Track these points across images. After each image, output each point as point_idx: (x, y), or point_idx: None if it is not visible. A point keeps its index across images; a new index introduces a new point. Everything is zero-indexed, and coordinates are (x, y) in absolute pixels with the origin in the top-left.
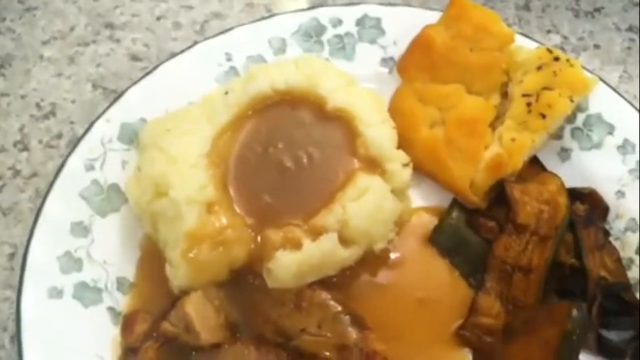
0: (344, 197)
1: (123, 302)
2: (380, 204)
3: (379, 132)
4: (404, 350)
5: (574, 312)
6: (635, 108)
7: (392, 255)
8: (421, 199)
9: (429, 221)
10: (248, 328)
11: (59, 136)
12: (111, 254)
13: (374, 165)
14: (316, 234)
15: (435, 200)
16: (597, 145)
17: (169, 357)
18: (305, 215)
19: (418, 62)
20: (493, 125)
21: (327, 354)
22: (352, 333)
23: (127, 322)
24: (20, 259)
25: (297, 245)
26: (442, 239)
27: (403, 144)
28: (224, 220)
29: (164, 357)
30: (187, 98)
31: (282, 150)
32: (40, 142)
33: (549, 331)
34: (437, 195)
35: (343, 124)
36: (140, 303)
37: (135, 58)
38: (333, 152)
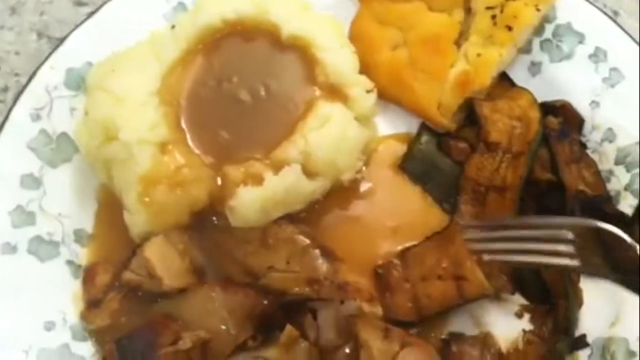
0: (305, 127)
1: (83, 254)
2: (344, 132)
3: (338, 58)
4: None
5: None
6: (605, 14)
7: (362, 186)
8: (388, 126)
9: (398, 148)
10: (215, 271)
11: (5, 89)
12: (66, 206)
13: (335, 92)
14: (278, 167)
15: (402, 127)
16: (568, 56)
17: (134, 306)
18: (266, 149)
19: None
20: (458, 43)
21: (297, 289)
22: (322, 266)
23: (87, 275)
24: None
25: (259, 180)
26: (412, 166)
27: (365, 69)
28: (179, 160)
29: (128, 307)
30: (134, 38)
31: (237, 83)
32: None
33: None
34: (404, 121)
35: (300, 52)
36: (101, 255)
37: (79, 3)
38: (291, 82)
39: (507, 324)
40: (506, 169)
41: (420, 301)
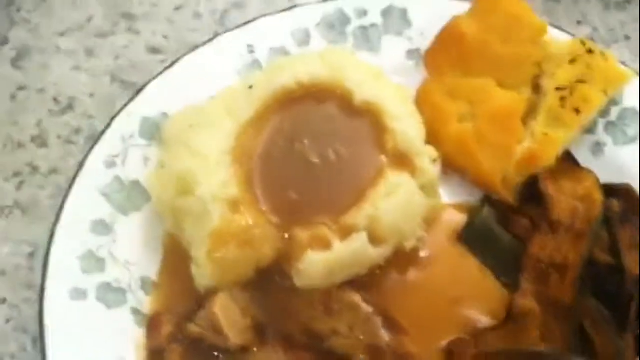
0: (375, 195)
1: (146, 302)
2: (410, 200)
3: (407, 126)
4: (439, 352)
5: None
6: None
7: (422, 254)
8: (450, 195)
9: (459, 218)
10: (275, 330)
11: (78, 131)
12: (134, 253)
13: (402, 160)
14: (346, 233)
15: (464, 197)
16: (632, 140)
17: (195, 359)
18: (334, 214)
19: (446, 54)
20: (525, 120)
21: (361, 356)
22: (385, 335)
23: (152, 324)
24: (39, 258)
25: (326, 245)
26: (472, 237)
27: (431, 138)
28: (249, 219)
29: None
30: (208, 91)
31: (308, 146)
32: (58, 137)
33: None
34: (466, 192)
35: (370, 119)
36: (163, 303)
37: (154, 50)
38: (361, 147)
39: None
40: (567, 249)
41: None
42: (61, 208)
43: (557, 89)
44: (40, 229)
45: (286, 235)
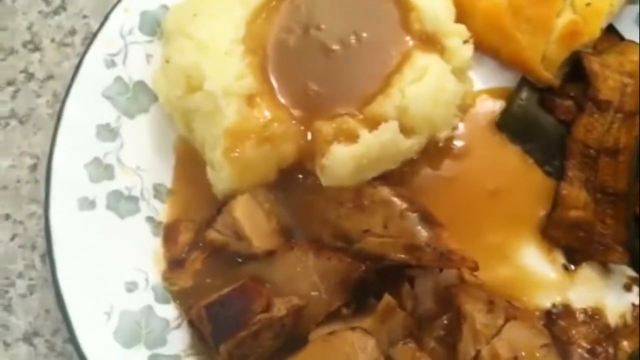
0: (401, 80)
1: (162, 210)
2: (441, 86)
3: (434, 3)
4: (480, 248)
5: None
6: None
7: (457, 144)
8: (483, 80)
9: (495, 105)
10: (302, 232)
11: (73, 32)
12: (144, 159)
13: (431, 42)
14: (373, 123)
15: (499, 81)
16: None
17: (218, 267)
18: (359, 103)
19: None
20: None
21: (396, 255)
22: (422, 231)
23: (169, 232)
24: (42, 170)
25: (352, 138)
26: (511, 123)
27: (461, 16)
28: (267, 114)
29: (212, 268)
30: None
31: (325, 30)
32: (52, 40)
33: None
34: (501, 75)
35: None
36: (181, 211)
37: None
38: (384, 29)
39: (615, 296)
40: (618, 130)
41: None
42: (60, 114)
43: None
44: (40, 139)
45: (308, 130)
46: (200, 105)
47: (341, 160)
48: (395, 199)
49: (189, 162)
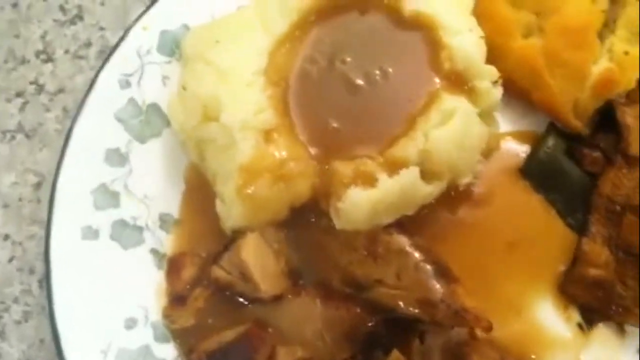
0: (426, 123)
1: (167, 241)
2: (467, 130)
3: (465, 42)
4: (494, 301)
5: None
6: None
7: (477, 190)
8: (511, 123)
9: (520, 149)
10: (311, 274)
11: (88, 45)
12: (152, 186)
13: (459, 82)
14: (394, 167)
15: (525, 124)
16: None
17: (221, 306)
18: (380, 145)
19: None
20: (601, 35)
21: (408, 308)
22: (437, 286)
23: (173, 266)
24: (47, 189)
25: (371, 181)
26: (536, 171)
27: (491, 56)
28: (284, 151)
29: (215, 307)
30: (235, 1)
31: (350, 64)
32: (66, 52)
33: None
34: (528, 119)
35: (422, 32)
36: (186, 243)
37: None
38: (412, 66)
39: (630, 359)
40: None
41: None
42: (69, 134)
43: None
44: (46, 155)
45: (325, 169)
46: (215, 137)
47: (357, 204)
48: (411, 250)
49: (199, 191)
